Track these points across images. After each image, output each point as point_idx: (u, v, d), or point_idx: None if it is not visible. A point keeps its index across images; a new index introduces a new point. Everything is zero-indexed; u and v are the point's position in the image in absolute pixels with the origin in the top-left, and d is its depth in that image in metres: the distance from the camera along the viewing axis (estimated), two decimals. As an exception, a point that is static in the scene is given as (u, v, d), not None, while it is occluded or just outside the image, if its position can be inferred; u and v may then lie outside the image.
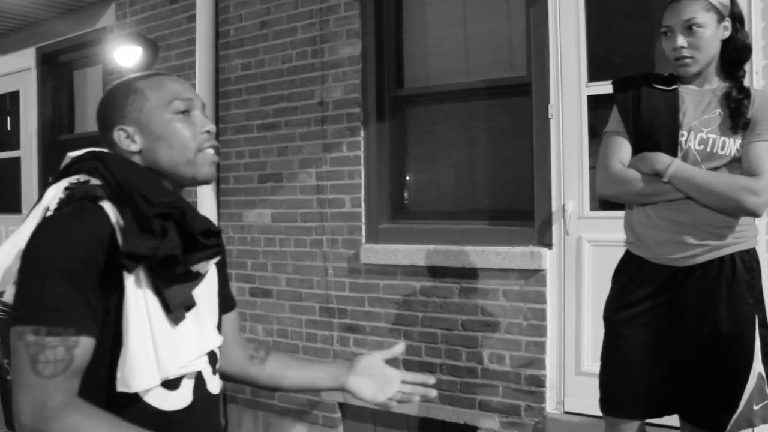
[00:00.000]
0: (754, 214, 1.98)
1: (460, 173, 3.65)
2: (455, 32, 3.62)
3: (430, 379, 1.54)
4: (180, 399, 1.24)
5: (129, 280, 1.17)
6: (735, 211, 1.97)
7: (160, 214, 1.18)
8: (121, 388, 1.16)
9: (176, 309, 1.21)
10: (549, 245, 3.19)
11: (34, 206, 1.24)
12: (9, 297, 1.17)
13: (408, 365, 3.52)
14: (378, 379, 1.52)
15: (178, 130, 1.30)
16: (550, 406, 3.19)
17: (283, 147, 3.95)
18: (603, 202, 2.98)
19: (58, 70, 5.46)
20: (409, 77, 3.75)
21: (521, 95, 3.35)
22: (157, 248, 1.16)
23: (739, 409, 1.98)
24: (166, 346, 1.20)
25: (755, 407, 1.98)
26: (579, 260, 3.13)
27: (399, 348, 1.56)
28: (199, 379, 1.29)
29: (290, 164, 3.93)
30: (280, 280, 3.99)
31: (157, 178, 1.28)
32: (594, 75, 3.12)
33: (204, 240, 1.23)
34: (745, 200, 1.93)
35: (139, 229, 1.16)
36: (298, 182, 3.91)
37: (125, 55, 4.47)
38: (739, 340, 1.99)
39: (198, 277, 1.27)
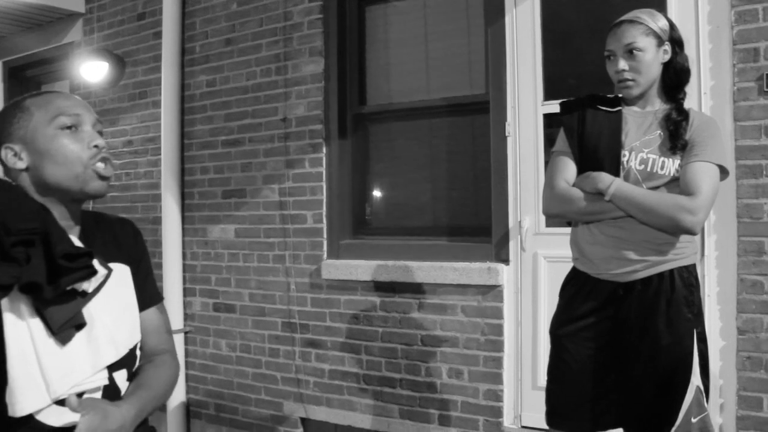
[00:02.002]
0: (690, 232, 2.04)
1: (420, 189, 3.70)
2: (417, 51, 3.68)
3: None
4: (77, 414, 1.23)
5: (4, 306, 1.17)
6: (672, 229, 2.03)
7: (21, 242, 1.17)
8: (9, 412, 1.16)
9: (60, 330, 1.20)
10: (506, 261, 3.24)
11: None
12: None
13: (368, 380, 3.55)
14: None
15: (64, 146, 1.30)
16: (508, 421, 3.22)
17: (247, 163, 3.97)
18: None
19: (25, 85, 5.42)
20: (371, 95, 3.80)
21: (480, 113, 3.41)
22: (19, 277, 1.15)
23: (678, 422, 2.02)
24: (53, 368, 1.19)
25: (693, 420, 2.03)
26: (535, 276, 3.18)
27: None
28: (109, 388, 1.29)
29: (254, 180, 3.95)
30: (244, 295, 4.00)
31: (25, 203, 1.26)
32: (550, 94, 3.18)
33: (67, 263, 1.20)
34: (682, 219, 1.99)
35: (1, 258, 1.15)
36: (261, 198, 3.93)
37: (92, 70, 4.48)
38: (677, 354, 2.04)
39: (85, 295, 1.26)
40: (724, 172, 2.09)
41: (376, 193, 3.85)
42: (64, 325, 1.21)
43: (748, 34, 2.73)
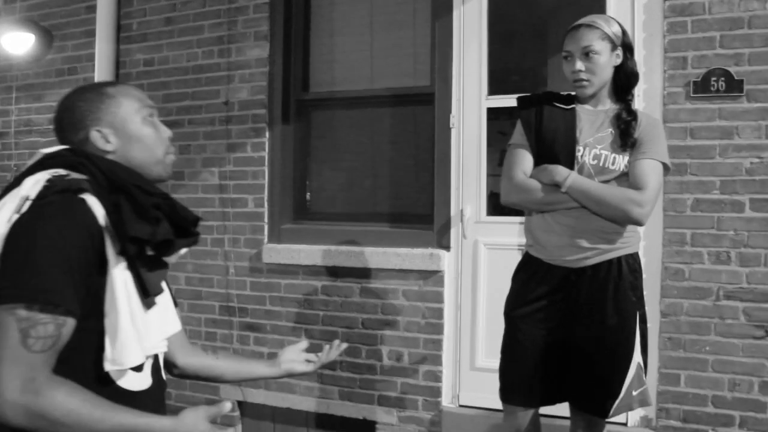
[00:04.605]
0: (639, 223, 2.23)
1: (363, 177, 3.78)
2: (362, 40, 3.74)
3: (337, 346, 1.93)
4: (143, 381, 1.34)
5: (116, 268, 1.24)
6: (622, 219, 2.21)
7: (154, 204, 1.29)
8: (111, 366, 1.24)
9: (154, 294, 1.31)
10: (447, 248, 3.38)
11: (4, 194, 1.27)
12: None
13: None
14: (302, 358, 1.89)
15: (150, 134, 1.44)
16: (446, 401, 3.37)
17: (186, 145, 3.93)
18: (498, 208, 3.19)
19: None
20: (315, 81, 3.85)
21: (424, 104, 3.52)
22: (154, 233, 1.26)
23: (621, 395, 2.22)
24: (140, 330, 1.28)
25: (634, 393, 2.23)
26: (475, 262, 3.33)
27: (303, 344, 1.91)
28: (155, 363, 1.39)
29: (193, 163, 3.92)
30: (179, 278, 3.96)
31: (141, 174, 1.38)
32: (494, 89, 3.33)
33: (193, 228, 1.36)
34: (631, 211, 2.17)
35: (137, 217, 1.26)
36: (200, 181, 3.90)
37: (15, 42, 4.29)
38: (622, 334, 2.23)
39: (167, 266, 1.36)
40: (667, 168, 2.29)
41: (318, 179, 3.90)
42: (156, 291, 1.31)
43: (678, 44, 2.97)
